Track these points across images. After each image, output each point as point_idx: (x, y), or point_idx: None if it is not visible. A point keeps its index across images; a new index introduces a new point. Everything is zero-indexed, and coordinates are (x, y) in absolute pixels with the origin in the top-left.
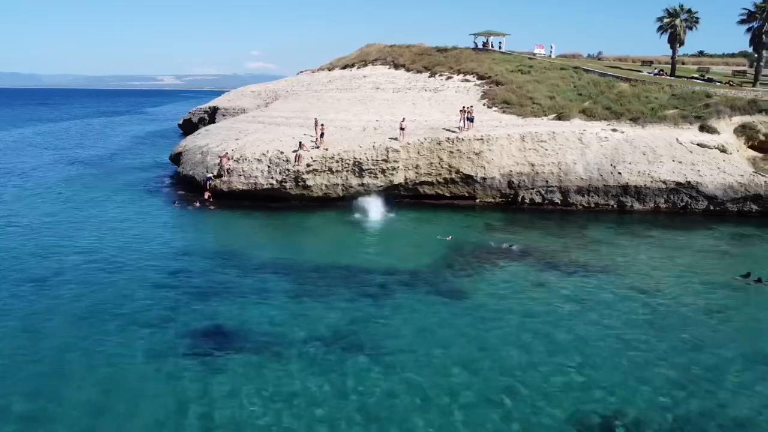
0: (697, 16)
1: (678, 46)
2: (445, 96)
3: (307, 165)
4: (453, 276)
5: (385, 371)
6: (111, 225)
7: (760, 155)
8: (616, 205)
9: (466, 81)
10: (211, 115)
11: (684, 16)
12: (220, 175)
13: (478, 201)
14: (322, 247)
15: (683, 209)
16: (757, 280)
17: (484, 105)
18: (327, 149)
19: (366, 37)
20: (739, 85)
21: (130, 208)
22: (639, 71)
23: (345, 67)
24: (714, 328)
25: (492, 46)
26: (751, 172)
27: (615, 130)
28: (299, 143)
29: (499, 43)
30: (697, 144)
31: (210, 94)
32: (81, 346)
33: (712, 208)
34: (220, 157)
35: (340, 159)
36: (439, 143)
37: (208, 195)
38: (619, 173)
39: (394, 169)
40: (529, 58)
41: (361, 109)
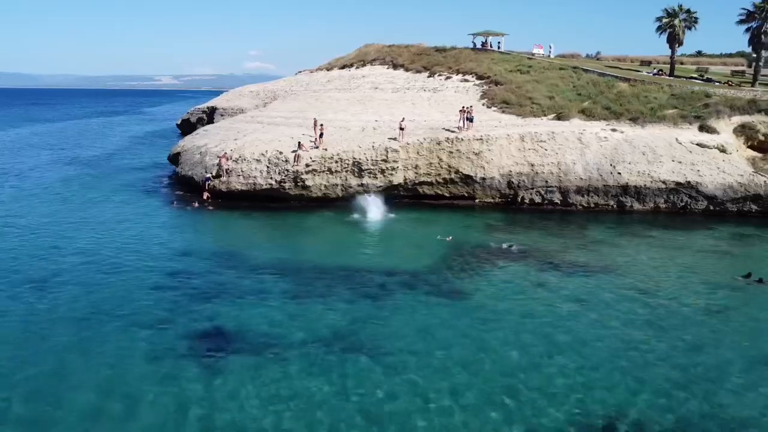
0: (696, 16)
1: (677, 46)
2: (444, 96)
3: (306, 165)
4: (453, 276)
5: (386, 372)
6: (109, 225)
7: (760, 155)
8: (615, 205)
9: (465, 81)
10: (210, 115)
11: (683, 16)
12: (219, 176)
13: (477, 201)
14: (321, 248)
15: (683, 209)
16: (758, 280)
17: (484, 105)
18: (326, 149)
19: (364, 37)
20: (738, 85)
21: (129, 209)
22: (638, 71)
23: (343, 67)
24: (715, 329)
25: (491, 46)
26: (750, 172)
27: (614, 130)
28: (298, 143)
29: (498, 43)
30: (697, 144)
31: (208, 94)
32: (80, 348)
33: (712, 208)
34: (219, 157)
35: (340, 159)
36: (439, 143)
37: (207, 195)
38: (619, 173)
39: (393, 169)
40: (528, 58)
41: (360, 109)
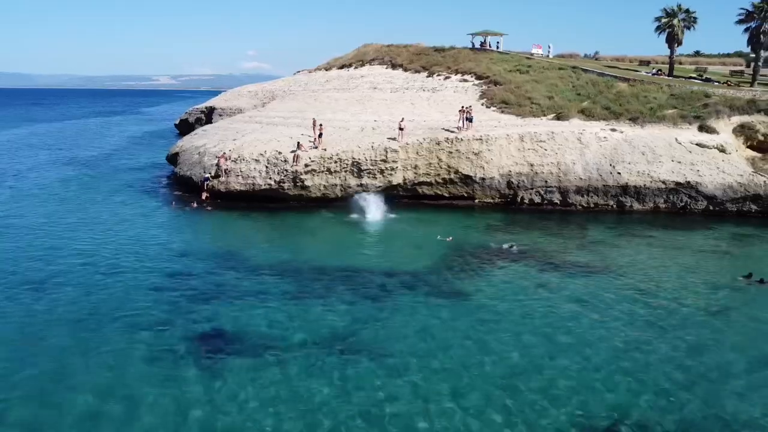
0: (695, 16)
1: (676, 45)
2: (443, 96)
3: (306, 165)
4: (453, 277)
5: (386, 373)
6: (108, 226)
7: (759, 155)
8: (615, 206)
9: (465, 81)
10: (208, 115)
11: (682, 15)
12: (218, 176)
13: (477, 201)
14: (321, 248)
15: (683, 209)
16: (760, 281)
17: (483, 105)
18: (325, 149)
19: (362, 37)
20: (737, 85)
21: (127, 209)
22: (637, 71)
23: (342, 67)
24: (716, 330)
25: (489, 45)
26: (750, 172)
27: (614, 130)
28: (297, 143)
29: (497, 42)
30: (696, 144)
31: (206, 94)
32: (78, 350)
33: (712, 208)
34: (218, 157)
35: (339, 159)
36: (438, 143)
37: (206, 196)
38: (619, 173)
39: (392, 169)
40: (527, 57)
41: (359, 109)
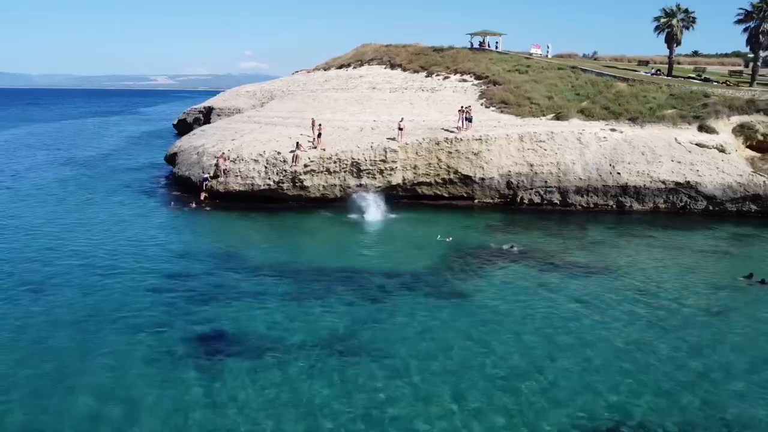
0: (693, 16)
1: (675, 45)
2: (442, 96)
3: (305, 165)
4: (453, 277)
5: (386, 375)
6: (106, 227)
7: (759, 155)
8: (615, 206)
9: (464, 81)
10: (206, 115)
11: (681, 15)
12: (217, 176)
13: (476, 201)
14: (320, 249)
15: (682, 209)
16: (761, 281)
17: (482, 105)
18: (324, 149)
19: (361, 37)
20: (736, 85)
21: (125, 210)
22: (636, 71)
23: (341, 66)
24: (717, 330)
25: (488, 45)
26: (749, 172)
27: (614, 130)
28: (296, 143)
29: (496, 42)
30: (696, 144)
31: (204, 94)
32: (77, 352)
33: (711, 208)
34: (217, 157)
35: (338, 159)
36: (438, 143)
37: (205, 196)
38: (618, 173)
39: (392, 169)
40: (526, 57)
41: (358, 109)
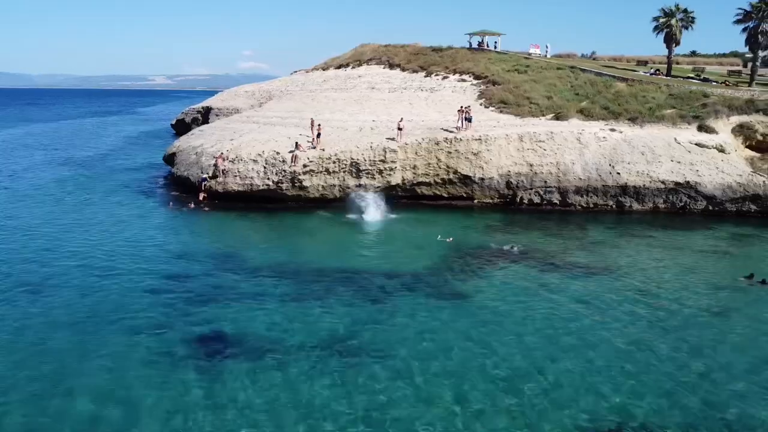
0: (692, 16)
1: (674, 45)
2: (441, 96)
3: (304, 165)
4: (454, 278)
5: (387, 376)
6: (104, 227)
7: (758, 155)
8: (614, 206)
9: (463, 81)
10: (205, 115)
11: (680, 15)
12: (215, 176)
13: (476, 201)
14: (320, 249)
15: (682, 209)
16: (762, 281)
17: (481, 105)
18: (323, 150)
19: (359, 37)
20: (735, 85)
21: (124, 210)
22: (635, 71)
23: (339, 66)
24: (718, 331)
25: (487, 45)
26: (749, 172)
27: (613, 130)
28: (296, 143)
29: (495, 42)
30: (696, 144)
31: (202, 94)
32: (76, 353)
33: (711, 208)
34: (216, 157)
35: (337, 159)
36: (437, 143)
37: (203, 196)
38: (618, 173)
39: (391, 169)
40: (525, 57)
41: (357, 109)
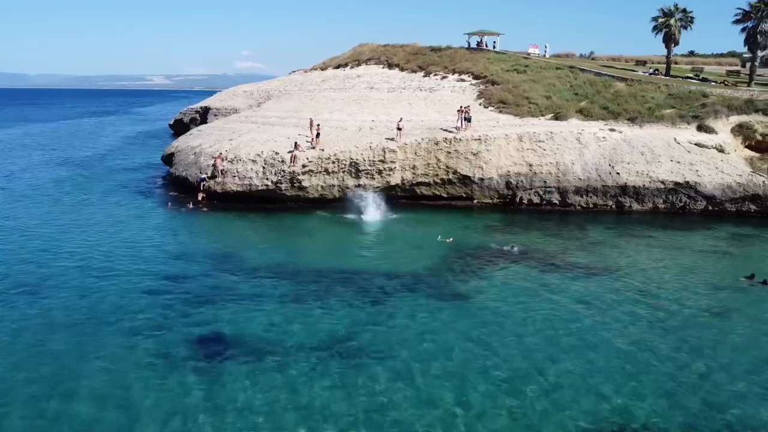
0: (691, 16)
1: (673, 45)
2: (440, 96)
3: (303, 166)
4: (454, 279)
5: (387, 377)
6: (102, 228)
7: (757, 155)
8: (614, 206)
9: (462, 81)
10: (203, 115)
11: (679, 15)
12: (214, 176)
13: (475, 202)
14: (319, 250)
15: (682, 209)
16: (763, 282)
17: (481, 105)
18: (323, 150)
19: (357, 37)
20: (734, 85)
21: (122, 211)
22: (633, 71)
23: (338, 66)
24: (719, 331)
25: (486, 45)
26: (749, 172)
27: (613, 130)
28: (295, 143)
29: (494, 42)
30: (695, 144)
31: (200, 94)
32: (74, 355)
33: (711, 208)
34: (214, 157)
35: (337, 159)
36: (437, 143)
37: (202, 196)
38: (618, 173)
39: (391, 169)
40: (524, 57)
41: (356, 108)
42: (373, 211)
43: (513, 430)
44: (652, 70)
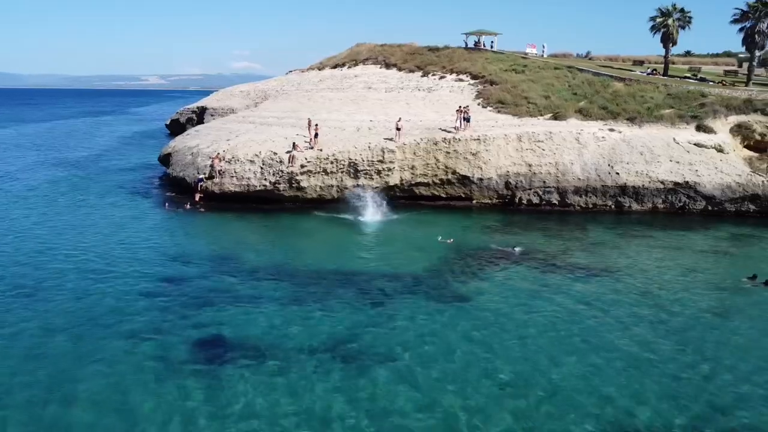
0: (689, 16)
1: (671, 45)
2: (439, 96)
3: (301, 166)
4: (454, 280)
5: (388, 379)
6: (99, 229)
7: (756, 155)
8: (614, 206)
9: (460, 80)
10: (200, 116)
11: (677, 15)
12: (212, 177)
13: (474, 202)
14: (318, 250)
15: (681, 209)
16: (765, 282)
17: (479, 105)
18: (321, 150)
19: (354, 37)
20: (732, 85)
21: (119, 211)
22: (631, 71)
23: (335, 66)
24: (722, 332)
25: (484, 45)
26: (748, 172)
27: (612, 130)
28: (293, 144)
29: (491, 42)
30: (695, 144)
31: (196, 94)
32: (72, 358)
33: (710, 208)
34: (212, 158)
35: (335, 160)
36: (436, 143)
37: (199, 197)
38: (617, 173)
39: (389, 170)
40: (522, 57)
41: (354, 108)
42: (372, 212)
43: (516, 431)
44: (650, 70)
